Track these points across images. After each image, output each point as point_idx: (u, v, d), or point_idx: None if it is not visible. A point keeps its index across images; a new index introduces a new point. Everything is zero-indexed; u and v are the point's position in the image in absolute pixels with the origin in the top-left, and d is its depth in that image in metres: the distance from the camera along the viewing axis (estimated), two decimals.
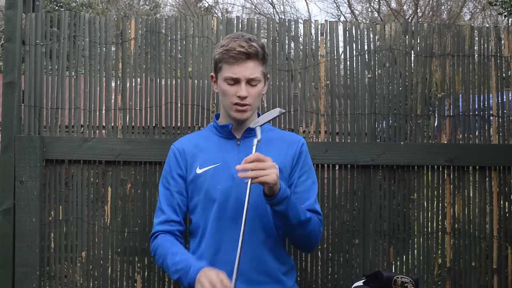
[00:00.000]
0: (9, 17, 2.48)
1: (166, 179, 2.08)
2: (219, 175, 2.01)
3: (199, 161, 2.05)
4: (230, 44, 1.97)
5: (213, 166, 2.03)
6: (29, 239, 2.42)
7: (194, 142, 2.11)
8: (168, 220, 2.04)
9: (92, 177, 2.51)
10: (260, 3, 23.60)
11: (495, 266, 2.58)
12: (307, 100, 2.58)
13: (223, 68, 2.00)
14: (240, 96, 1.98)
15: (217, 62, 2.02)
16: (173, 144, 2.13)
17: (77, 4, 20.11)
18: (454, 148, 2.56)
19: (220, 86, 2.02)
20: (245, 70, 1.98)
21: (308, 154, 2.11)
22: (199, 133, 2.19)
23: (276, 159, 2.03)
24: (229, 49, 1.96)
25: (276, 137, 2.11)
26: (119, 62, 2.56)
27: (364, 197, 2.55)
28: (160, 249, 2.02)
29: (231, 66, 1.98)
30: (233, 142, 2.07)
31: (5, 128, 2.45)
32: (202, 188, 2.02)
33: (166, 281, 2.50)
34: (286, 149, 2.07)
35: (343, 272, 2.54)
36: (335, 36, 2.60)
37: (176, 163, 2.07)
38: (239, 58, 1.97)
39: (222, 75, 2.00)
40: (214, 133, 2.11)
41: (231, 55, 1.96)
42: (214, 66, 2.05)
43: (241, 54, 1.96)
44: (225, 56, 1.98)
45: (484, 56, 2.64)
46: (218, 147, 2.06)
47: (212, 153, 2.05)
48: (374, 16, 17.59)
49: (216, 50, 2.03)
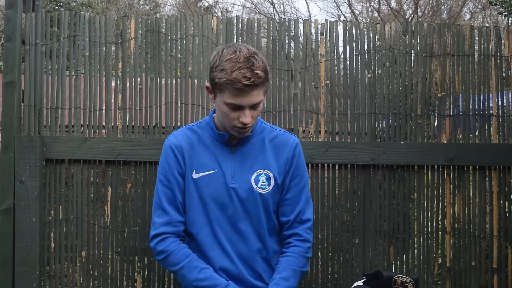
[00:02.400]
0: (9, 17, 2.48)
1: (165, 177, 2.02)
2: (215, 183, 1.99)
3: (195, 164, 2.01)
4: (234, 75, 1.82)
5: (210, 173, 2.00)
6: (29, 238, 2.42)
7: (191, 141, 2.04)
8: (172, 221, 2.00)
9: (92, 176, 2.51)
10: (260, 3, 23.58)
11: (495, 266, 2.58)
12: (307, 100, 2.58)
13: (224, 93, 1.87)
14: (243, 123, 1.90)
15: (216, 83, 1.88)
16: (168, 139, 2.05)
17: (77, 4, 20.11)
18: (454, 148, 2.56)
19: (220, 106, 1.91)
20: (249, 99, 1.87)
21: (302, 155, 2.08)
22: (193, 129, 2.08)
23: (269, 167, 2.03)
24: (233, 81, 1.82)
25: (269, 141, 2.06)
26: (119, 62, 2.55)
27: (364, 197, 2.55)
28: (174, 256, 1.98)
29: (235, 96, 1.86)
30: (228, 149, 2.05)
31: (5, 127, 2.45)
32: (197, 194, 2.00)
33: (166, 280, 2.50)
34: (279, 154, 2.04)
35: (343, 272, 2.54)
36: (335, 35, 2.60)
37: (175, 161, 2.02)
38: (245, 91, 1.85)
39: (223, 99, 1.88)
40: (209, 133, 2.05)
41: (236, 87, 1.84)
42: (213, 83, 1.90)
43: (246, 87, 1.83)
44: (228, 87, 1.85)
45: (484, 55, 2.64)
46: (214, 152, 2.02)
47: (208, 157, 2.01)
48: (374, 15, 17.59)
49: (216, 71, 1.86)
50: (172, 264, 1.98)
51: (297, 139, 2.08)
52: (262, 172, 2.02)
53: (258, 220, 2.02)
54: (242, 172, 2.01)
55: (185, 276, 1.95)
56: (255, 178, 2.02)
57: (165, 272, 2.49)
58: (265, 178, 2.03)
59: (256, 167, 2.01)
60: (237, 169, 2.01)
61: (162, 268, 2.49)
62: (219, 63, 1.87)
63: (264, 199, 2.01)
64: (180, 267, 1.96)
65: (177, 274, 2.00)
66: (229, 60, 1.85)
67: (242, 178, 2.00)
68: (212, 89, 1.94)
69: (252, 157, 2.01)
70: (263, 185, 2.01)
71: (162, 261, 2.01)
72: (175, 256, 1.98)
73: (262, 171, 2.02)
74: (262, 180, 2.02)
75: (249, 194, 1.99)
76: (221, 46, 2.03)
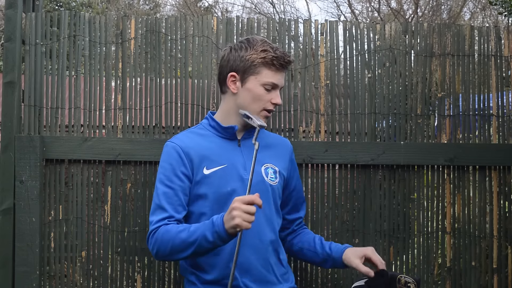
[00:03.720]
0: (9, 17, 2.48)
1: (167, 177, 1.99)
2: (228, 176, 2.00)
3: (205, 161, 2.01)
4: (278, 52, 1.99)
5: (221, 167, 2.01)
6: (29, 238, 2.42)
7: (195, 141, 2.05)
8: (169, 217, 1.96)
9: (92, 176, 2.51)
10: (260, 3, 23.61)
11: (495, 266, 2.58)
12: (307, 100, 2.58)
13: (262, 73, 1.99)
14: (276, 103, 2.03)
15: (255, 65, 1.99)
16: (171, 141, 2.06)
17: (77, 4, 20.11)
18: (454, 148, 2.56)
19: (253, 89, 2.00)
20: (283, 79, 2.05)
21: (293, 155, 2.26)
22: (195, 131, 2.12)
23: (276, 162, 2.09)
24: (279, 57, 1.99)
25: (269, 140, 2.16)
26: (119, 62, 2.55)
27: (364, 197, 2.55)
28: (166, 235, 1.91)
29: (274, 73, 2.00)
30: (235, 143, 2.07)
31: (5, 127, 2.45)
32: (211, 189, 1.99)
33: (166, 280, 2.50)
34: (282, 152, 2.17)
35: (343, 272, 2.54)
36: (335, 35, 2.60)
37: (180, 161, 2.00)
38: (285, 67, 2.03)
39: (260, 79, 1.99)
40: (213, 133, 2.08)
41: (281, 62, 2.00)
42: (245, 67, 2.00)
43: (288, 64, 2.03)
44: (274, 62, 1.98)
45: (484, 55, 2.64)
46: (221, 148, 2.04)
47: (216, 154, 2.03)
48: (374, 15, 17.60)
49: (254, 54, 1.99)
50: (169, 245, 1.91)
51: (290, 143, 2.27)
52: (269, 166, 2.09)
53: (270, 211, 2.05)
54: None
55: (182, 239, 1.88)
56: (265, 170, 2.06)
57: (165, 272, 2.49)
58: (272, 171, 2.09)
59: (263, 161, 2.06)
60: (248, 161, 2.04)
61: (162, 268, 2.49)
62: (254, 47, 2.00)
63: (274, 191, 2.08)
64: (172, 242, 1.89)
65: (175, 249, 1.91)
66: (265, 43, 2.02)
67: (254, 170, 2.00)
68: (242, 76, 2.01)
69: (258, 151, 2.02)
70: (272, 177, 2.08)
71: (160, 250, 1.94)
72: (167, 235, 1.91)
73: (269, 165, 2.08)
74: (271, 173, 2.08)
75: (262, 185, 2.02)
76: (230, 44, 2.13)
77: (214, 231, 1.81)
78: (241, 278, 1.97)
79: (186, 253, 1.90)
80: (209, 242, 1.83)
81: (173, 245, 1.91)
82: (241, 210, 1.74)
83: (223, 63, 2.06)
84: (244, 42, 2.03)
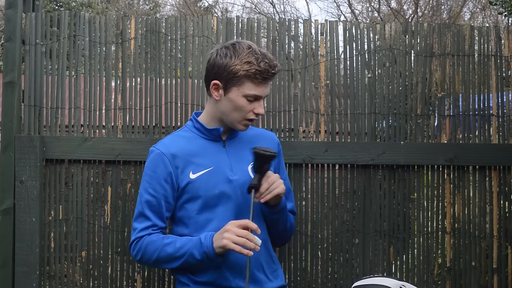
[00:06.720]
0: (9, 17, 2.48)
1: (150, 184, 2.01)
2: (215, 179, 2.00)
3: (190, 166, 2.00)
4: (262, 65, 1.92)
5: (207, 170, 2.01)
6: (29, 238, 2.42)
7: (180, 146, 2.03)
8: (153, 225, 2.00)
9: (92, 176, 2.51)
10: (260, 3, 23.60)
11: (495, 266, 2.58)
12: (307, 100, 2.58)
13: (245, 85, 1.94)
14: (258, 113, 2.00)
15: (238, 76, 1.93)
16: (155, 147, 2.04)
17: (77, 4, 20.12)
18: (454, 148, 2.56)
19: (234, 100, 1.96)
20: (267, 90, 2.00)
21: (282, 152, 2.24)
22: (180, 134, 2.10)
23: None
24: (263, 71, 1.93)
25: (254, 135, 2.14)
26: (119, 62, 2.55)
27: (364, 197, 2.55)
28: (151, 246, 1.97)
29: (257, 86, 1.95)
30: (220, 144, 2.06)
31: (5, 127, 2.45)
32: (198, 193, 1.99)
33: (166, 280, 2.50)
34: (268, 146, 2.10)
35: (343, 272, 2.54)
36: (335, 35, 2.60)
37: (164, 169, 2.00)
38: (268, 80, 1.97)
39: (243, 91, 1.95)
40: (197, 134, 2.06)
41: (264, 76, 1.94)
42: (228, 77, 1.95)
43: (272, 76, 1.97)
44: (256, 76, 1.93)
45: (484, 55, 2.64)
46: (206, 151, 2.03)
47: (202, 156, 2.02)
48: (374, 15, 17.60)
49: (238, 65, 1.93)
50: (154, 255, 1.97)
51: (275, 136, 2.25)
52: None
53: (260, 210, 2.04)
54: (239, 164, 2.05)
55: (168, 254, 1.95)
56: (251, 169, 2.04)
57: (165, 272, 2.49)
58: None
59: (249, 159, 2.03)
60: (234, 162, 2.04)
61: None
62: (239, 57, 1.93)
63: None
64: (158, 253, 1.96)
65: (160, 261, 1.98)
66: (250, 53, 1.94)
67: (240, 170, 2.04)
68: (224, 85, 1.97)
69: (244, 150, 2.06)
70: None
71: (143, 259, 2.01)
72: (152, 245, 1.97)
73: None
74: None
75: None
76: (217, 45, 2.08)
77: (202, 251, 1.90)
78: (233, 279, 1.99)
79: (171, 265, 1.99)
80: (196, 260, 1.93)
81: (159, 257, 1.98)
82: (232, 233, 1.85)
83: (208, 67, 2.02)
84: (230, 49, 1.96)
